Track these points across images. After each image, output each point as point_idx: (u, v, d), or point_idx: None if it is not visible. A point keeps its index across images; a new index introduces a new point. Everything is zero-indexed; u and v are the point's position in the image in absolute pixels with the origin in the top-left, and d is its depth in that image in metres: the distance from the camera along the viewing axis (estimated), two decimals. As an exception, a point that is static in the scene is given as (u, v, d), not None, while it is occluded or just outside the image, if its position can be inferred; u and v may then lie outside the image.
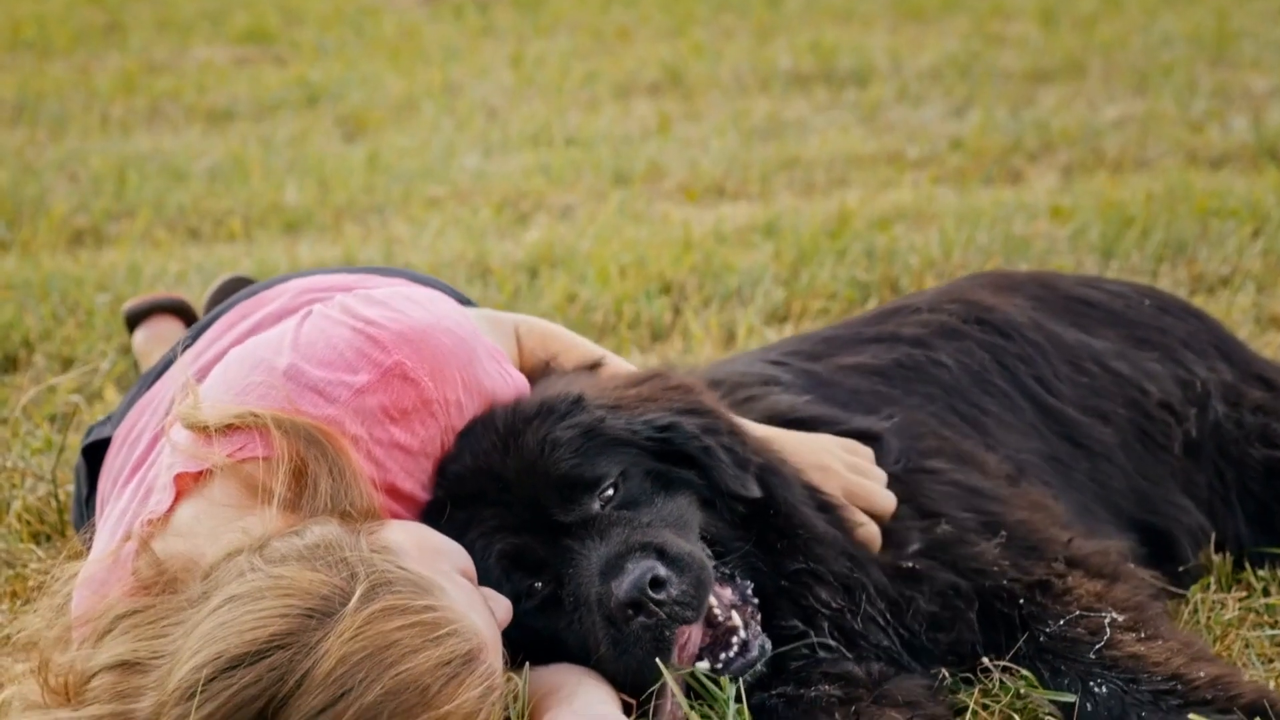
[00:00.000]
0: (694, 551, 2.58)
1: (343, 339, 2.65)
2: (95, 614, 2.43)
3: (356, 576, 2.31)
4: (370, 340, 2.63)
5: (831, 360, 3.12)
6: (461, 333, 2.72)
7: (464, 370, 2.69)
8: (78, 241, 5.94)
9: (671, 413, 2.73)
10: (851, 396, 3.03)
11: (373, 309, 2.70)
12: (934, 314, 3.25)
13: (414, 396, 2.63)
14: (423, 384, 2.63)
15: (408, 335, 2.64)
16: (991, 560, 2.79)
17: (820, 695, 2.59)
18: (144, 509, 2.62)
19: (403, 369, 2.62)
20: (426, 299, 2.79)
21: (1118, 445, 3.15)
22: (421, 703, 2.25)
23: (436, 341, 2.66)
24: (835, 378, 3.07)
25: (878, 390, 3.06)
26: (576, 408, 2.70)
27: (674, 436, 2.70)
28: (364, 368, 2.62)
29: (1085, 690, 2.61)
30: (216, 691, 2.24)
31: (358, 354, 2.62)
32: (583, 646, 2.57)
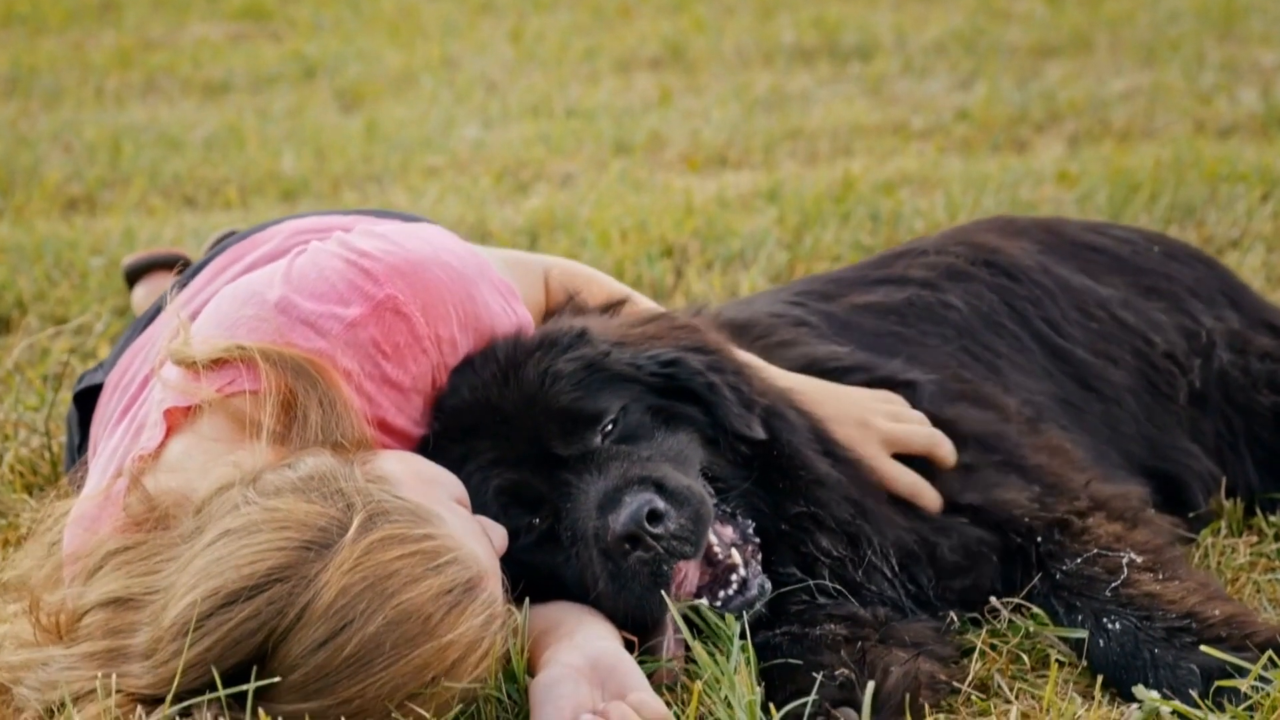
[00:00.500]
0: (693, 486, 2.52)
1: (335, 270, 2.59)
2: (86, 551, 2.40)
3: (353, 507, 2.27)
4: (363, 272, 2.57)
5: (846, 300, 3.08)
6: (460, 266, 2.65)
7: (459, 305, 2.63)
8: (71, 208, 5.86)
9: (677, 349, 2.67)
10: (874, 339, 2.98)
11: (369, 241, 2.64)
12: (941, 256, 3.20)
13: (406, 331, 2.57)
14: (414, 318, 2.57)
15: (401, 268, 2.58)
16: (1014, 503, 2.74)
17: (825, 634, 2.54)
18: (135, 446, 2.58)
19: (395, 302, 2.55)
20: (427, 233, 2.71)
21: (1127, 389, 3.12)
22: (424, 632, 2.21)
23: (431, 275, 2.59)
24: (853, 318, 3.03)
25: (896, 331, 3.01)
26: (580, 341, 2.64)
27: (678, 372, 2.65)
28: (356, 300, 2.55)
29: (1098, 627, 2.58)
30: (214, 627, 2.19)
31: (349, 286, 2.56)
32: (581, 582, 2.52)
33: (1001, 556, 2.74)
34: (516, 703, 2.47)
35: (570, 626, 2.49)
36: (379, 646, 2.19)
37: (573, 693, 2.36)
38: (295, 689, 2.21)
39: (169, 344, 2.58)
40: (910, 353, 2.99)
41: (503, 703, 2.46)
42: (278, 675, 2.20)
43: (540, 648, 2.48)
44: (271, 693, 2.22)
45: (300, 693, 2.21)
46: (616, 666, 2.40)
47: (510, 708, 2.46)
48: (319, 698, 2.21)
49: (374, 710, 2.23)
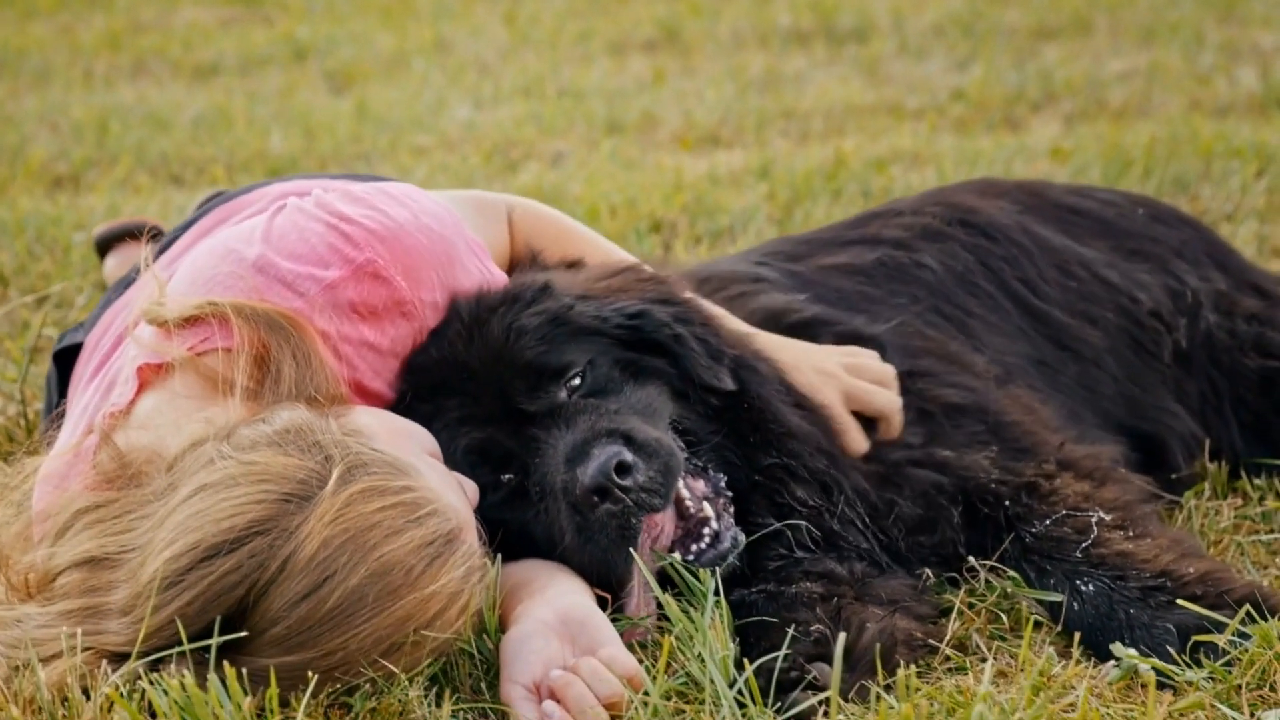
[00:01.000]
0: (662, 438, 2.49)
1: (315, 233, 2.57)
2: (55, 510, 2.38)
3: (331, 459, 2.25)
4: (343, 236, 2.56)
5: (813, 260, 3.04)
6: (441, 230, 2.63)
7: (441, 270, 2.62)
8: (57, 187, 5.82)
9: (643, 301, 2.64)
10: (837, 297, 2.94)
11: (349, 205, 2.62)
12: (916, 216, 3.16)
13: (385, 295, 2.56)
14: (395, 283, 2.56)
15: (381, 233, 2.56)
16: (979, 463, 2.70)
17: (801, 591, 2.50)
18: (106, 403, 2.56)
19: (375, 267, 2.54)
20: (406, 195, 2.69)
21: (1106, 350, 3.08)
22: (406, 584, 2.20)
23: (412, 240, 2.58)
24: (818, 278, 2.99)
25: (862, 290, 2.97)
26: (543, 295, 2.61)
27: (644, 324, 2.61)
28: (335, 263, 2.54)
29: (1072, 589, 2.55)
30: (194, 581, 2.17)
31: (329, 249, 2.55)
32: (551, 538, 2.49)
33: (965, 514, 2.69)
34: (488, 658, 2.43)
35: (542, 583, 2.46)
36: (361, 599, 2.17)
37: (543, 648, 2.33)
38: (276, 642, 2.19)
39: (144, 303, 2.55)
40: (874, 311, 2.95)
41: (475, 658, 2.43)
42: (259, 629, 2.18)
43: (512, 604, 2.45)
44: (251, 646, 2.20)
45: (282, 646, 2.19)
46: (587, 622, 2.37)
47: (482, 663, 2.43)
48: (300, 651, 2.19)
49: (355, 662, 2.21)
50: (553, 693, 2.27)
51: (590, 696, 2.24)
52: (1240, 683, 2.33)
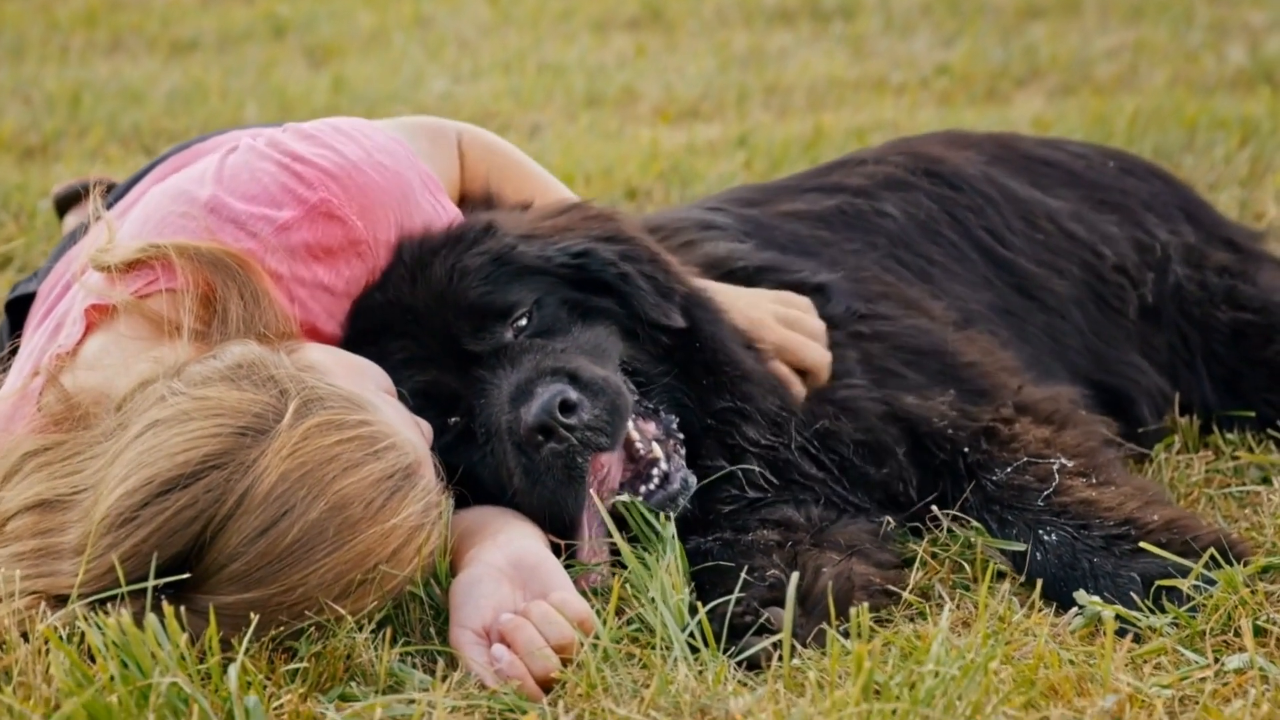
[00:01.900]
0: (609, 377, 2.44)
1: (267, 173, 2.52)
2: (1, 453, 2.32)
3: (287, 393, 2.21)
4: (295, 176, 2.51)
5: (770, 206, 2.99)
6: (396, 166, 2.58)
7: (396, 209, 2.57)
8: (27, 157, 5.75)
9: (588, 239, 2.58)
10: (790, 240, 2.90)
11: (301, 144, 2.57)
12: (879, 165, 3.12)
13: (340, 235, 2.51)
14: (350, 222, 2.51)
15: (334, 172, 2.51)
16: (934, 408, 2.66)
17: (758, 539, 2.46)
18: (53, 345, 2.50)
19: (329, 206, 2.49)
20: (359, 131, 2.64)
21: (1072, 302, 3.04)
22: (366, 518, 2.16)
23: (366, 179, 2.53)
24: (773, 222, 2.94)
25: (817, 235, 2.92)
26: (486, 235, 2.56)
27: (589, 263, 2.57)
28: (288, 203, 2.49)
29: (1035, 539, 2.50)
30: (149, 517, 2.13)
31: (282, 189, 2.50)
32: (499, 481, 2.45)
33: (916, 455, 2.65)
34: (437, 604, 2.38)
35: (494, 528, 2.41)
36: (321, 533, 2.13)
37: (493, 592, 2.29)
38: (235, 579, 2.14)
39: (90, 249, 2.51)
40: (830, 256, 2.90)
41: (424, 603, 2.38)
42: (217, 565, 2.14)
43: (462, 549, 2.40)
44: (208, 584, 2.15)
45: (240, 583, 2.15)
46: (539, 566, 2.32)
47: (430, 608, 2.38)
48: (260, 587, 2.15)
49: (314, 599, 2.17)
50: (502, 637, 2.23)
51: (540, 640, 2.20)
52: (1204, 628, 2.29)
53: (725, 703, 2.09)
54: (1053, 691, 2.13)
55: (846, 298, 2.75)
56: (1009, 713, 2.02)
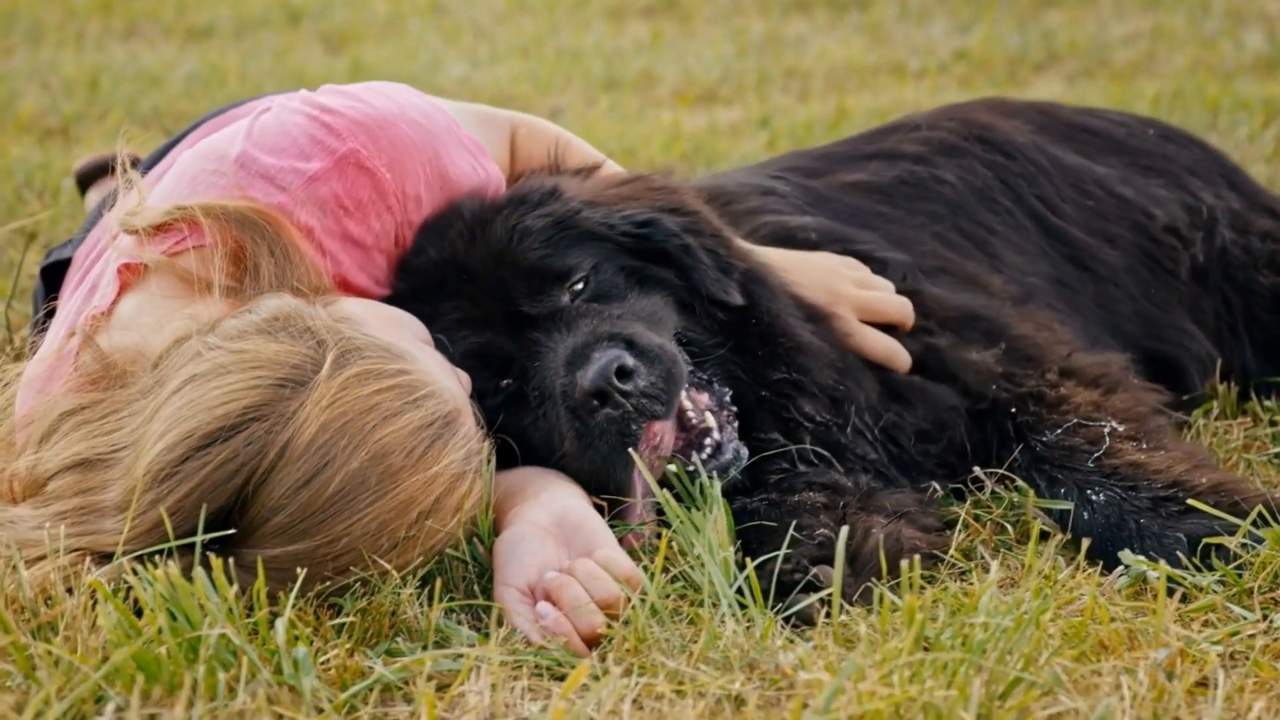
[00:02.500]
0: (665, 345, 2.43)
1: (297, 126, 2.51)
2: (38, 413, 2.32)
3: (324, 344, 2.19)
4: (325, 127, 2.49)
5: (831, 177, 2.98)
6: (428, 124, 2.56)
7: (426, 164, 2.54)
8: (46, 138, 5.75)
9: (653, 210, 2.57)
10: (851, 214, 2.88)
11: (333, 98, 2.57)
12: (934, 131, 3.11)
13: (369, 187, 2.49)
14: (379, 174, 2.49)
15: (365, 124, 2.50)
16: (985, 370, 2.65)
17: (805, 500, 2.45)
18: (88, 306, 2.49)
19: (358, 157, 2.47)
20: (394, 91, 2.63)
21: (1124, 269, 3.02)
22: (408, 465, 2.15)
23: (397, 131, 2.51)
24: (834, 194, 2.93)
25: (879, 210, 2.91)
26: (550, 198, 2.55)
27: (653, 233, 2.55)
28: (317, 155, 2.47)
29: (1082, 498, 2.50)
30: (191, 471, 2.11)
31: (311, 141, 2.48)
32: (549, 444, 2.43)
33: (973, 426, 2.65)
34: (480, 563, 2.37)
35: (537, 487, 2.40)
36: (364, 482, 2.12)
37: (538, 549, 2.28)
38: (279, 531, 2.13)
39: (119, 212, 2.50)
40: (889, 231, 2.89)
41: (467, 564, 2.37)
42: (261, 519, 2.13)
43: (506, 508, 2.39)
44: (253, 538, 2.14)
45: (285, 535, 2.13)
46: (583, 524, 2.31)
47: (474, 567, 2.37)
48: (304, 539, 2.13)
49: (358, 550, 2.16)
50: (547, 594, 2.22)
51: (585, 597, 2.19)
52: (1252, 585, 2.28)
53: (774, 656, 2.09)
54: (1102, 647, 2.12)
55: (907, 273, 2.74)
56: (1063, 664, 2.01)
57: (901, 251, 2.83)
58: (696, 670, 2.07)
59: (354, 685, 2.05)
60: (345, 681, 2.08)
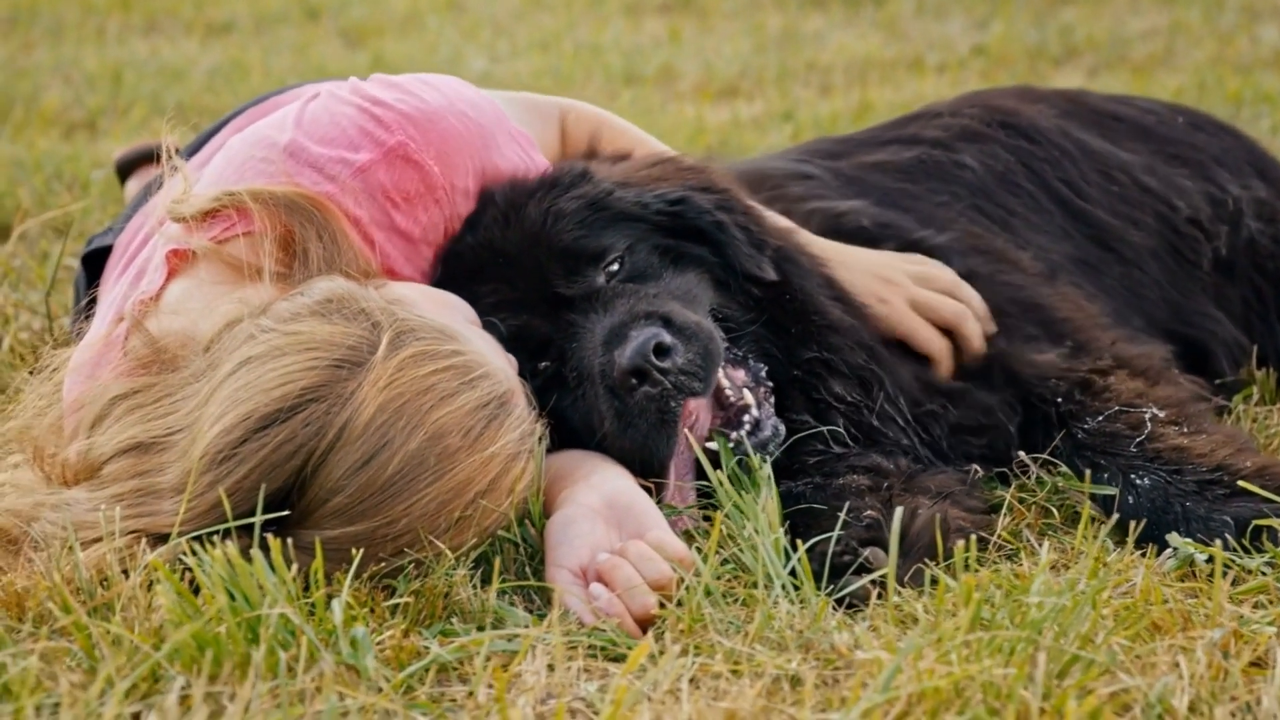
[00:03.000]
0: (702, 322, 2.44)
1: (346, 116, 2.52)
2: (88, 398, 2.32)
3: (379, 325, 2.20)
4: (374, 119, 2.51)
5: (852, 158, 2.99)
6: (477, 117, 2.58)
7: (475, 157, 2.56)
8: (71, 132, 5.76)
9: (684, 188, 2.58)
10: (880, 194, 2.89)
11: (383, 90, 2.57)
12: (955, 118, 3.12)
13: (417, 180, 2.50)
14: (427, 167, 2.50)
15: (414, 117, 2.51)
16: (1040, 367, 2.66)
17: (849, 483, 2.46)
18: (135, 291, 2.50)
19: (406, 150, 2.49)
20: (444, 83, 2.64)
21: (1149, 253, 3.03)
22: (465, 446, 2.16)
23: (446, 125, 2.52)
24: (859, 175, 2.94)
25: (903, 188, 2.92)
26: (582, 180, 2.56)
27: (685, 210, 2.56)
28: (365, 146, 2.49)
29: (1126, 483, 2.50)
30: (250, 453, 2.12)
31: (360, 132, 2.50)
32: (589, 425, 2.44)
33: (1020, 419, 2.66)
34: (531, 546, 2.38)
35: (586, 470, 2.41)
36: (422, 463, 2.13)
37: (589, 531, 2.28)
38: (338, 512, 2.14)
39: (166, 200, 2.51)
40: (919, 209, 2.90)
41: (518, 546, 2.38)
42: (319, 500, 2.14)
43: (555, 491, 2.40)
44: (312, 519, 2.15)
45: (344, 516, 2.14)
46: (633, 506, 2.32)
47: (525, 550, 2.38)
48: (363, 519, 2.14)
49: (416, 530, 2.17)
50: (599, 576, 2.22)
51: (638, 578, 2.19)
52: (1302, 567, 2.28)
53: (829, 636, 2.09)
54: (1155, 627, 2.13)
55: (959, 258, 2.74)
56: (1120, 643, 2.02)
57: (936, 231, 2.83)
58: (753, 650, 2.08)
59: (410, 665, 2.06)
60: (401, 661, 2.09)
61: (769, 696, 1.99)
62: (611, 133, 2.87)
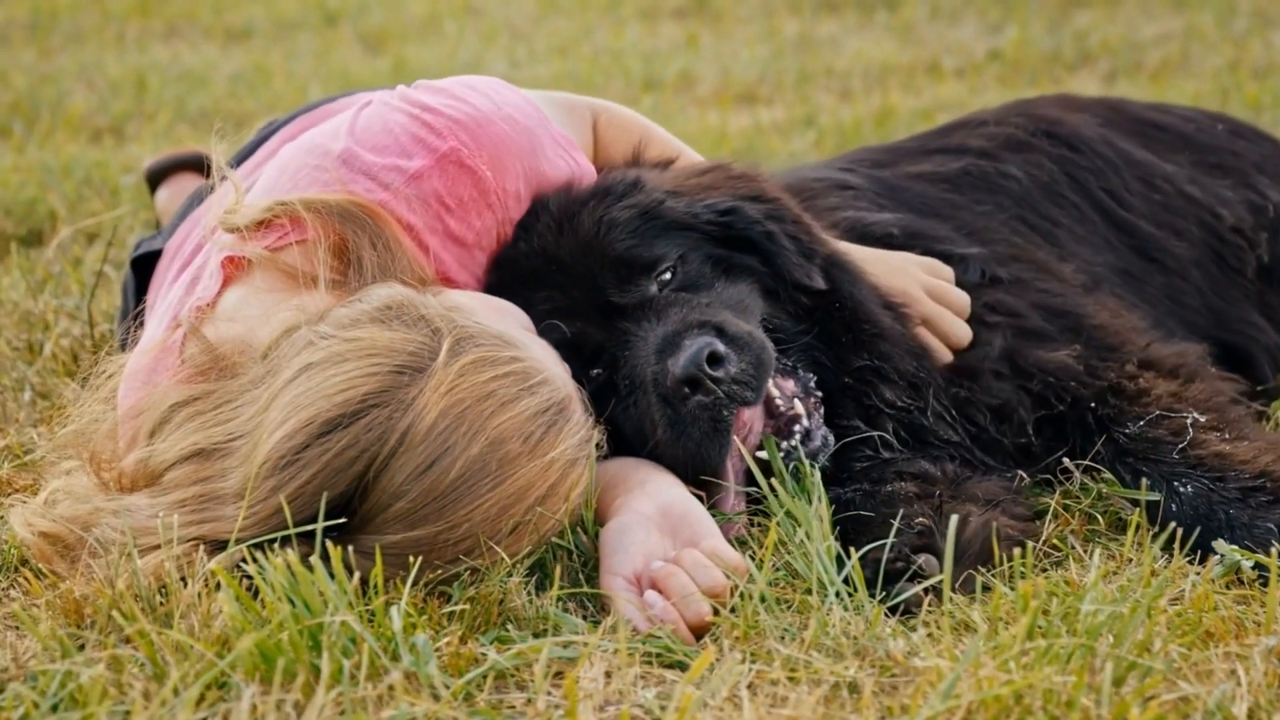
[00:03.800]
0: (754, 332, 2.46)
1: (398, 124, 2.55)
2: (146, 405, 2.33)
3: (439, 332, 2.21)
4: (426, 126, 2.53)
5: (898, 168, 3.01)
6: (525, 121, 2.60)
7: (525, 160, 2.57)
8: (96, 139, 5.78)
9: (735, 198, 2.60)
10: (921, 203, 2.91)
11: (432, 96, 2.60)
12: (1000, 127, 3.14)
13: (470, 185, 2.52)
14: (480, 172, 2.52)
15: (465, 122, 2.53)
16: (1062, 364, 2.67)
17: (897, 489, 2.48)
18: (191, 298, 2.51)
19: (459, 155, 2.51)
20: (489, 87, 2.66)
21: (1191, 263, 3.05)
22: (526, 452, 2.17)
23: (496, 129, 2.54)
24: (903, 184, 2.96)
25: (947, 198, 2.94)
26: (634, 189, 2.58)
27: (736, 220, 2.58)
28: (418, 153, 2.51)
29: (1170, 490, 2.51)
30: (313, 458, 2.12)
31: (412, 139, 2.52)
32: (641, 433, 2.46)
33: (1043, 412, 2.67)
34: (584, 553, 2.40)
35: (640, 477, 2.42)
36: (483, 469, 2.14)
37: (644, 539, 2.30)
38: (401, 517, 2.15)
39: (217, 211, 2.53)
40: (960, 219, 2.92)
41: (572, 553, 2.39)
42: (382, 505, 2.15)
43: (609, 499, 2.42)
44: (375, 524, 2.16)
45: (406, 521, 2.15)
46: (687, 514, 2.34)
47: (578, 558, 2.39)
48: (425, 525, 2.15)
49: (477, 535, 2.18)
50: (654, 583, 2.24)
51: (692, 586, 2.20)
52: (1350, 575, 2.30)
53: (884, 643, 2.11)
54: (1208, 635, 2.15)
55: (987, 266, 2.76)
56: (1178, 650, 2.03)
57: (976, 241, 2.86)
58: (809, 657, 2.10)
59: (468, 672, 2.08)
60: (459, 668, 2.10)
61: (827, 704, 2.01)
62: (645, 140, 2.89)
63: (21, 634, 2.23)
